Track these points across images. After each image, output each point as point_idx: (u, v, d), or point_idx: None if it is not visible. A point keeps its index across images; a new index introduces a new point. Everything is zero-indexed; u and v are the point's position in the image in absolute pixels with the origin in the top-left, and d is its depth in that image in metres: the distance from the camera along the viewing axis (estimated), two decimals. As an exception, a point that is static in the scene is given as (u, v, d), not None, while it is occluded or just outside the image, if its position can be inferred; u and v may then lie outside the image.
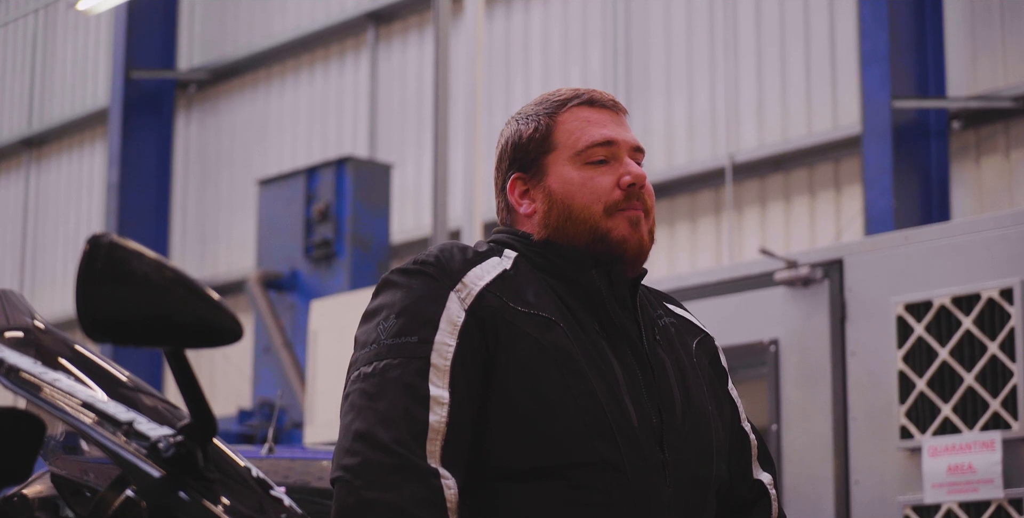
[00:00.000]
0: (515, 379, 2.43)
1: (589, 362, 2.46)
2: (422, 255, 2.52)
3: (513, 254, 2.55)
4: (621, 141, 2.60)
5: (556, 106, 2.63)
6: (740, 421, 2.73)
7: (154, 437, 2.05)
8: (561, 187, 2.57)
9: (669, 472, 2.48)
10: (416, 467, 2.32)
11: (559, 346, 2.45)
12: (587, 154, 2.57)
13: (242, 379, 14.29)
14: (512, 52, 13.78)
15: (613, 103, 2.66)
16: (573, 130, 2.60)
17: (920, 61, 10.86)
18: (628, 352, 2.52)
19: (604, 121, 2.62)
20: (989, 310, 5.37)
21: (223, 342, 2.01)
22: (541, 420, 2.42)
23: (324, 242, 11.90)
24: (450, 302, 2.44)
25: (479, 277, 2.48)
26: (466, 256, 2.52)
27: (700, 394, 2.59)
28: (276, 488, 2.31)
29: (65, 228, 17.95)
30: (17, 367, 2.23)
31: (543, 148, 2.60)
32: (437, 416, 2.36)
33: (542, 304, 2.48)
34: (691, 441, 2.53)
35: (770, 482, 2.73)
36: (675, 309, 2.73)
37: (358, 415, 2.37)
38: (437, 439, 2.35)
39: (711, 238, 12.24)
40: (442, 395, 2.38)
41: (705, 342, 2.72)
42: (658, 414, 2.50)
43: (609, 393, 2.45)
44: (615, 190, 2.56)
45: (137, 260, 1.96)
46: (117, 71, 16.30)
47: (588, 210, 2.55)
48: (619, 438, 2.44)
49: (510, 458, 2.42)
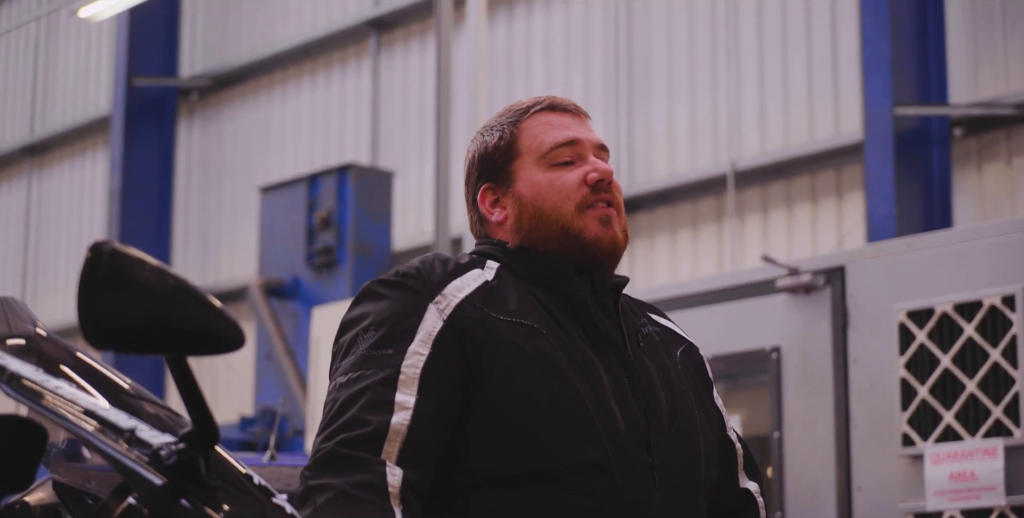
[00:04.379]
0: (500, 386, 2.45)
1: (574, 367, 2.48)
2: (403, 267, 2.55)
3: (495, 265, 2.57)
4: (584, 140, 2.63)
5: (518, 114, 2.67)
6: (726, 430, 2.74)
7: (156, 445, 2.05)
8: (530, 190, 2.60)
9: (658, 476, 2.49)
10: (365, 459, 2.37)
11: (542, 352, 2.47)
12: (552, 156, 2.61)
13: (244, 386, 14.28)
14: (514, 59, 13.79)
15: (575, 107, 2.69)
16: (536, 134, 2.63)
17: (922, 68, 10.86)
18: (613, 358, 2.54)
19: (566, 123, 2.65)
20: (991, 317, 5.38)
21: (225, 349, 2.01)
22: (528, 425, 2.44)
23: (326, 249, 11.90)
24: (428, 314, 2.47)
25: (459, 289, 2.50)
26: (447, 268, 2.54)
27: (686, 399, 2.61)
28: (278, 496, 2.30)
29: (67, 235, 17.95)
30: (19, 374, 2.23)
31: (509, 155, 2.63)
32: (399, 418, 2.40)
33: (524, 312, 2.50)
34: (679, 445, 2.55)
35: (757, 491, 2.74)
36: (658, 319, 2.76)
37: (328, 421, 2.44)
38: (396, 440, 2.39)
39: (713, 245, 12.24)
40: (407, 400, 2.41)
41: (690, 351, 2.73)
42: (645, 418, 2.51)
43: (595, 398, 2.47)
44: (582, 187, 2.58)
45: (139, 267, 1.96)
46: (119, 78, 16.31)
47: (558, 210, 2.57)
48: (607, 442, 2.45)
49: (498, 464, 2.44)
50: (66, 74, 18.30)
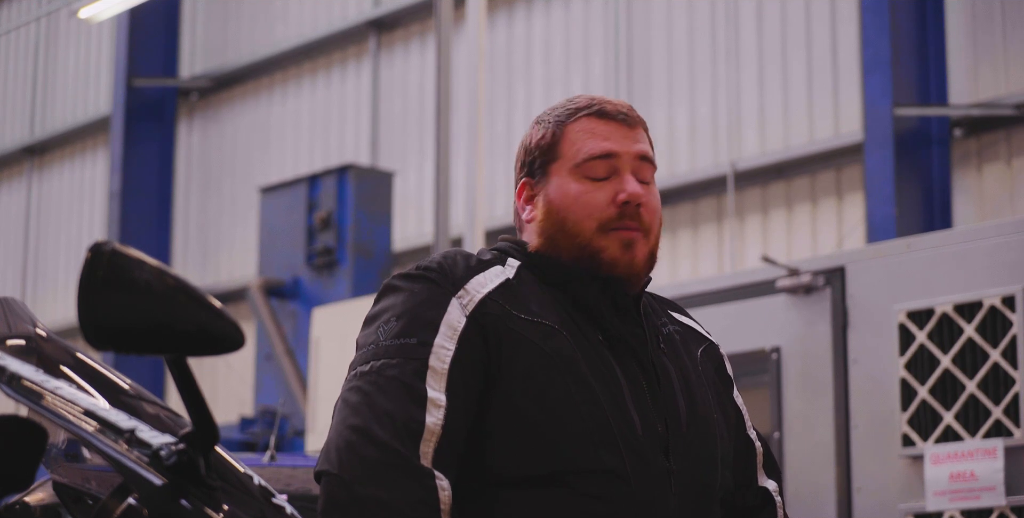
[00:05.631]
0: (518, 385, 2.41)
1: (593, 370, 2.44)
2: (425, 261, 2.51)
3: (516, 263, 2.54)
4: (623, 153, 2.56)
5: (567, 114, 2.59)
6: (745, 428, 2.72)
7: (156, 445, 2.05)
8: (558, 198, 2.55)
9: (674, 481, 2.46)
10: (411, 466, 2.31)
11: (562, 353, 2.43)
12: (586, 167, 2.54)
13: (244, 387, 14.28)
14: (514, 60, 13.78)
15: (626, 115, 2.60)
16: (576, 141, 2.56)
17: (922, 69, 10.86)
18: (632, 361, 2.50)
19: (609, 133, 2.57)
20: (991, 318, 5.37)
21: (225, 350, 2.01)
22: (545, 426, 2.40)
23: (326, 250, 11.90)
24: (451, 307, 2.43)
25: (482, 284, 2.47)
26: (469, 263, 2.50)
27: (705, 402, 2.58)
28: (278, 496, 2.30)
29: (67, 236, 17.95)
30: (19, 375, 2.23)
31: (549, 156, 2.58)
32: (434, 418, 2.35)
33: (545, 313, 2.47)
34: (696, 450, 2.51)
35: (775, 490, 2.71)
36: (680, 317, 2.72)
37: (353, 411, 2.35)
38: (432, 441, 2.34)
39: (713, 246, 12.24)
40: (439, 398, 2.36)
41: (710, 350, 2.70)
42: (663, 422, 2.48)
43: (613, 401, 2.44)
44: (610, 207, 2.52)
45: (139, 268, 1.97)
46: (119, 79, 16.31)
47: (579, 226, 2.52)
48: (623, 446, 2.42)
49: (513, 465, 2.40)
50: (66, 75, 18.30)
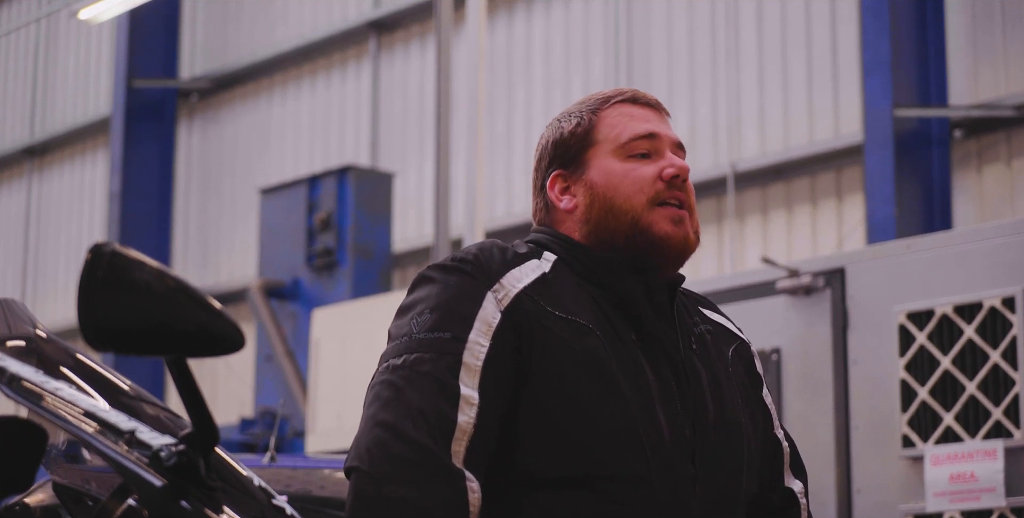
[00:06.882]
0: (548, 385, 2.38)
1: (623, 372, 2.42)
2: (460, 252, 2.48)
3: (552, 257, 2.51)
4: (664, 136, 2.60)
5: (599, 103, 2.62)
6: (773, 428, 2.69)
7: (156, 446, 2.05)
8: (603, 179, 2.54)
9: (698, 487, 2.44)
10: (442, 466, 2.28)
11: (594, 354, 2.41)
12: (630, 147, 2.56)
13: (244, 388, 14.29)
14: (514, 61, 13.79)
15: (657, 103, 2.66)
16: (615, 124, 2.58)
17: (922, 70, 10.87)
18: (663, 363, 2.48)
19: (647, 117, 2.62)
20: (991, 319, 5.37)
21: (225, 351, 2.01)
22: (572, 428, 2.38)
23: (326, 251, 11.91)
24: (486, 302, 2.40)
25: (517, 279, 2.44)
26: (505, 257, 2.47)
27: (734, 406, 2.55)
28: (278, 497, 2.30)
29: (67, 237, 17.96)
30: (19, 376, 2.23)
31: (585, 143, 2.58)
32: (466, 416, 2.32)
33: (579, 310, 2.44)
34: (722, 456, 2.49)
35: (801, 491, 2.69)
36: (712, 315, 2.70)
37: (384, 406, 2.33)
38: (463, 440, 2.31)
39: (713, 247, 12.25)
40: (472, 395, 2.33)
41: (741, 349, 2.68)
42: (691, 427, 2.46)
43: (642, 405, 2.41)
44: (657, 181, 2.53)
45: (139, 269, 1.97)
46: (119, 80, 16.32)
47: (630, 201, 2.51)
48: (649, 452, 2.39)
49: (538, 465, 2.38)
50: (66, 76, 18.30)
